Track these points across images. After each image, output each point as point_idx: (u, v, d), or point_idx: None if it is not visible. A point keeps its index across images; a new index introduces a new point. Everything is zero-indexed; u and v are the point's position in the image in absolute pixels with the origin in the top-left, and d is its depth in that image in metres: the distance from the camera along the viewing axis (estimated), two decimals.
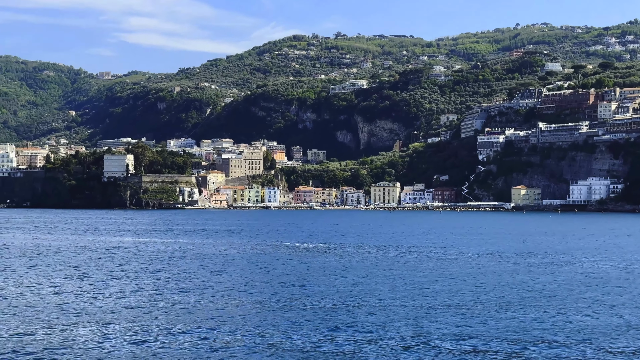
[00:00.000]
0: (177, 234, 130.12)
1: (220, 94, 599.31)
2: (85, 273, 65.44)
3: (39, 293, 52.83)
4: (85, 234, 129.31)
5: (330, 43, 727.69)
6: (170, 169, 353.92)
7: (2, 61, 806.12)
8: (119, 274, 65.04)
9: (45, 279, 60.94)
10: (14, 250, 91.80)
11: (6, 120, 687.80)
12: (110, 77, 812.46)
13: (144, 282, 59.32)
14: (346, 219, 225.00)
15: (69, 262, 75.42)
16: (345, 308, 46.35)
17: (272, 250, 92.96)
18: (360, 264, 74.03)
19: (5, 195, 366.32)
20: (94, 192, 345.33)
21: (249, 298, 50.66)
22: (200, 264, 73.88)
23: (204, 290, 54.10)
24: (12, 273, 65.39)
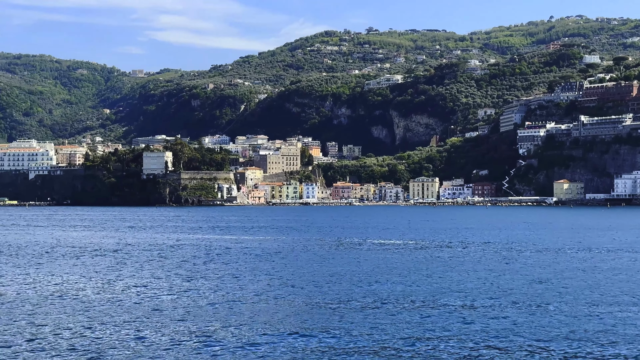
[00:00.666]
0: (243, 231, 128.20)
1: (254, 91, 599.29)
2: (171, 272, 64.46)
3: (143, 292, 51.88)
4: (157, 232, 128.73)
5: (362, 38, 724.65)
6: (208, 165, 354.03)
7: (37, 60, 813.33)
8: (211, 272, 63.95)
9: (149, 279, 60.01)
10: (99, 248, 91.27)
11: (42, 118, 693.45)
12: (142, 75, 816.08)
13: (227, 280, 58.14)
14: (395, 214, 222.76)
15: (161, 261, 74.57)
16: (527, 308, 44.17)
17: (376, 247, 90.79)
18: (496, 264, 69.74)
19: (46, 193, 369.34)
20: (133, 190, 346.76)
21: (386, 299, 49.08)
22: (284, 262, 72.58)
23: (300, 290, 52.68)
24: (117, 273, 64.60)
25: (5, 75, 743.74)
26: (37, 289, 52.84)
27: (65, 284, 55.95)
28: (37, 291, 51.95)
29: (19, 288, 53.53)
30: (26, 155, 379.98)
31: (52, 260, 74.21)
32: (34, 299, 48.21)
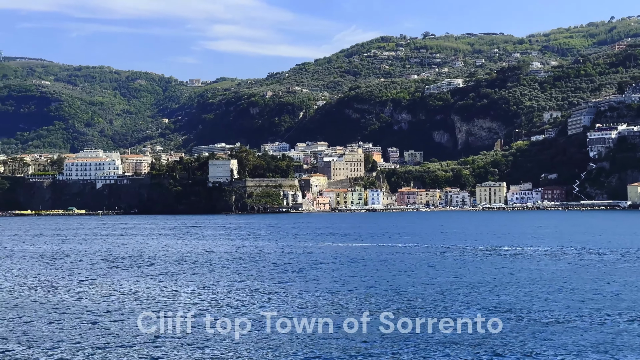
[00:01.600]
0: (336, 238, 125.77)
1: (312, 97, 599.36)
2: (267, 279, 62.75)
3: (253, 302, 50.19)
4: (247, 240, 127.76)
5: (418, 43, 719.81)
6: (273, 173, 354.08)
7: (97, 71, 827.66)
8: (315, 278, 62.09)
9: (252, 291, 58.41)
10: (195, 258, 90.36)
11: (103, 129, 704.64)
12: (199, 84, 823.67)
13: (337, 288, 56.08)
14: (468, 220, 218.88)
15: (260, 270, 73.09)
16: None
17: (481, 255, 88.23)
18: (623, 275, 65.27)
19: (113, 202, 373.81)
20: (199, 198, 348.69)
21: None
22: (398, 268, 70.37)
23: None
24: (213, 282, 63.19)
25: (67, 87, 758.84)
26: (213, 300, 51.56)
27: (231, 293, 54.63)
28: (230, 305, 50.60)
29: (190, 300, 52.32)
30: (93, 165, 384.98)
31: (209, 270, 73.21)
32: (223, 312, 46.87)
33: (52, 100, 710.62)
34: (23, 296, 54.55)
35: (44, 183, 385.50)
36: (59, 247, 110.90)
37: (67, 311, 47.25)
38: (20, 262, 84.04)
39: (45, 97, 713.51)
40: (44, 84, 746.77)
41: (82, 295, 54.71)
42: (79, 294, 55.40)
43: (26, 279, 65.95)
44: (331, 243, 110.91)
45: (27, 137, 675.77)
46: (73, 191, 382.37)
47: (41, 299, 53.01)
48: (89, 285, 60.21)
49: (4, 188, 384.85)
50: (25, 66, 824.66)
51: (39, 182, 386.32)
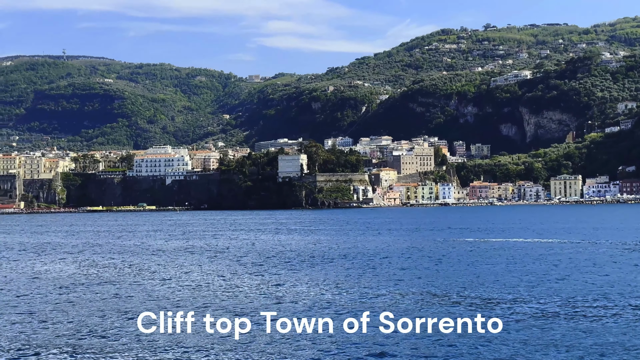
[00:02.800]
0: (484, 234, 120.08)
1: (374, 92, 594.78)
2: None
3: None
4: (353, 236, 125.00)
5: (480, 35, 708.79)
6: (343, 167, 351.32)
7: (158, 69, 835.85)
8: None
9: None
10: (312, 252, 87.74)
11: (165, 125, 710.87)
12: (259, 80, 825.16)
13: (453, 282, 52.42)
14: (570, 213, 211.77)
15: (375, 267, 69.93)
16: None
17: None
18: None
19: (183, 197, 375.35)
20: (269, 193, 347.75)
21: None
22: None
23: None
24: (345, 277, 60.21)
25: (129, 85, 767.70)
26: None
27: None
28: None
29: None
30: (163, 162, 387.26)
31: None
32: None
33: (115, 98, 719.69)
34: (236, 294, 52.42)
35: (115, 179, 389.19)
36: (218, 242, 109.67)
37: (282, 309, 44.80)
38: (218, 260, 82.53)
39: (108, 95, 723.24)
40: (106, 82, 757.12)
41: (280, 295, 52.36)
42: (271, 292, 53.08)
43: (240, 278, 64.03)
44: (498, 239, 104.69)
45: (91, 134, 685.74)
46: (143, 187, 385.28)
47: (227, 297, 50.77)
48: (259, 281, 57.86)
49: (76, 184, 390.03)
50: (88, 64, 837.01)
51: (109, 178, 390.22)
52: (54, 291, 54.35)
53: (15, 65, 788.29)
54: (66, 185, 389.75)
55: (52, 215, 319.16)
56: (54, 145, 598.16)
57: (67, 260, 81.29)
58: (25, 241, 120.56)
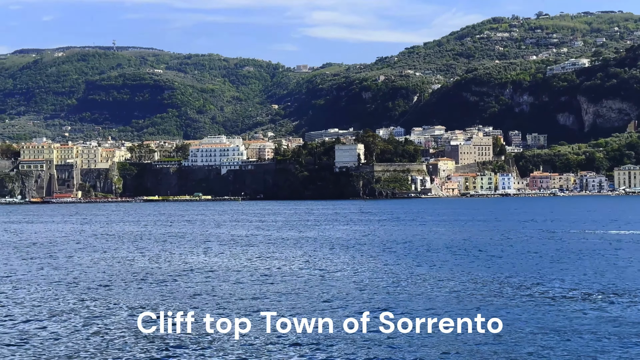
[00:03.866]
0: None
1: (426, 81, 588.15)
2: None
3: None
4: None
5: (532, 23, 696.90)
6: (400, 157, 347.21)
7: (206, 59, 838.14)
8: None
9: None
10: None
11: (214, 116, 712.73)
12: (307, 70, 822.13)
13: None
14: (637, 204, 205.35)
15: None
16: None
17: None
18: None
19: (238, 187, 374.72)
20: (326, 183, 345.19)
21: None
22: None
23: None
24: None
25: (178, 75, 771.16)
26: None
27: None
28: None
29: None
30: (218, 151, 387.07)
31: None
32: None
33: (165, 89, 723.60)
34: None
35: (170, 169, 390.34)
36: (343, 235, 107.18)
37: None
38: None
39: (158, 86, 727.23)
40: (156, 72, 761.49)
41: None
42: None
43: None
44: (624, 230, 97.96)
45: (141, 124, 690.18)
46: (198, 177, 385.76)
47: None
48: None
49: (132, 174, 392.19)
50: (138, 55, 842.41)
51: (165, 168, 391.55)
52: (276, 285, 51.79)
53: (67, 56, 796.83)
54: (122, 175, 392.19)
55: (115, 205, 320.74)
56: (108, 135, 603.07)
57: (216, 250, 77.84)
58: (133, 230, 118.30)
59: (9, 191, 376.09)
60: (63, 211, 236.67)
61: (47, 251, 78.65)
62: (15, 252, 78.46)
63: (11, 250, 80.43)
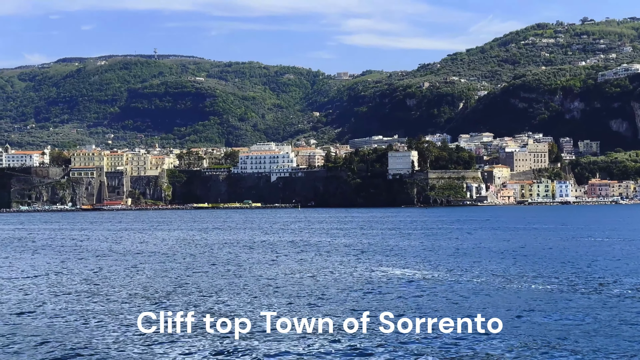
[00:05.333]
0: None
1: (472, 88, 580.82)
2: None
3: None
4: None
5: (578, 29, 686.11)
6: (455, 164, 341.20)
7: (246, 67, 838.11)
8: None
9: None
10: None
11: (255, 123, 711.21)
12: (347, 77, 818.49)
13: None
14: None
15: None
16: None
17: None
18: None
19: (288, 195, 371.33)
20: (379, 190, 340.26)
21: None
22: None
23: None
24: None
25: (219, 83, 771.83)
26: None
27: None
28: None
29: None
30: (268, 158, 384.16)
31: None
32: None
33: (206, 96, 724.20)
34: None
35: (220, 176, 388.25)
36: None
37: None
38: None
39: (200, 93, 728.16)
40: (198, 80, 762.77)
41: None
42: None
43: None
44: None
45: (184, 132, 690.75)
46: (248, 184, 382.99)
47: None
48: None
49: (181, 181, 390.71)
50: (179, 63, 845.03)
51: (214, 175, 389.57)
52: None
53: (109, 65, 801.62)
54: (171, 182, 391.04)
55: (170, 212, 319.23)
56: (151, 142, 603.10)
57: (314, 258, 74.58)
58: (221, 239, 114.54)
59: (60, 198, 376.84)
60: (130, 218, 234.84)
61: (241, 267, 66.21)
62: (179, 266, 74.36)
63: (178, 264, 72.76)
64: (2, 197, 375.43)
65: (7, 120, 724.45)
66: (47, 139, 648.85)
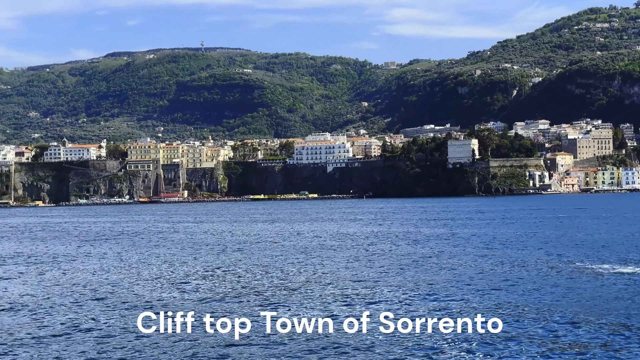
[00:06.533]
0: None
1: (525, 74, 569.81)
2: None
3: None
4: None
5: (632, 13, 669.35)
6: (517, 152, 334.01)
7: (293, 58, 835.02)
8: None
9: None
10: None
11: (304, 114, 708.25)
12: (394, 66, 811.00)
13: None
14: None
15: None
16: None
17: None
18: None
19: (344, 185, 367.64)
20: (438, 180, 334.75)
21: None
22: None
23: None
24: None
25: (267, 74, 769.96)
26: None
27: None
28: None
29: None
30: (324, 149, 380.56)
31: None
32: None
33: (255, 88, 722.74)
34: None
35: (275, 167, 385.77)
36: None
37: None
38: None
39: (248, 85, 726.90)
40: (245, 72, 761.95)
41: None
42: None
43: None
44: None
45: (232, 124, 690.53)
46: (304, 175, 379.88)
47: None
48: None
49: (237, 173, 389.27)
50: (226, 55, 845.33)
51: (270, 166, 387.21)
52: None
53: (158, 59, 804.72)
54: (227, 174, 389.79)
55: (231, 204, 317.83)
56: (207, 135, 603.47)
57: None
58: (367, 230, 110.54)
59: (117, 191, 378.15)
60: (203, 210, 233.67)
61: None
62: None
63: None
64: (61, 191, 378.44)
65: (60, 114, 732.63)
66: (98, 132, 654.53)
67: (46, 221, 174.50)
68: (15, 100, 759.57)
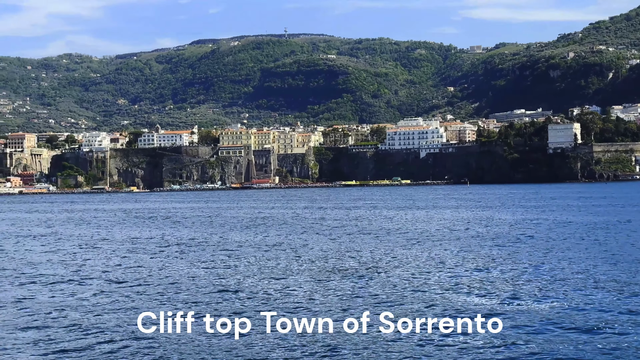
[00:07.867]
0: None
1: (621, 57, 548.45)
2: None
3: None
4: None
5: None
6: (623, 136, 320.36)
7: (377, 43, 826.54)
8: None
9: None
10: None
11: (389, 100, 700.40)
12: (480, 50, 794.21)
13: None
14: None
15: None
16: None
17: None
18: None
19: (438, 171, 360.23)
20: (538, 165, 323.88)
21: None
22: None
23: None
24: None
25: (351, 60, 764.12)
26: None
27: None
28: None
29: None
30: (416, 134, 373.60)
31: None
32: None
33: (339, 74, 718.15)
34: None
35: (367, 153, 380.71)
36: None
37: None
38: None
39: (332, 71, 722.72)
40: (329, 58, 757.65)
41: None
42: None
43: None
44: None
45: (317, 110, 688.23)
46: (396, 161, 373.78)
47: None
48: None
49: (328, 159, 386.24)
50: (309, 42, 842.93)
51: (361, 152, 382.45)
52: None
53: (242, 45, 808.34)
54: (318, 160, 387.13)
55: (325, 190, 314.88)
56: (296, 121, 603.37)
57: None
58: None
59: (209, 177, 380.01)
60: (322, 195, 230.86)
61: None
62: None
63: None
64: (155, 176, 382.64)
65: (147, 102, 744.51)
66: (185, 119, 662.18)
67: (186, 207, 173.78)
68: (104, 88, 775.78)
